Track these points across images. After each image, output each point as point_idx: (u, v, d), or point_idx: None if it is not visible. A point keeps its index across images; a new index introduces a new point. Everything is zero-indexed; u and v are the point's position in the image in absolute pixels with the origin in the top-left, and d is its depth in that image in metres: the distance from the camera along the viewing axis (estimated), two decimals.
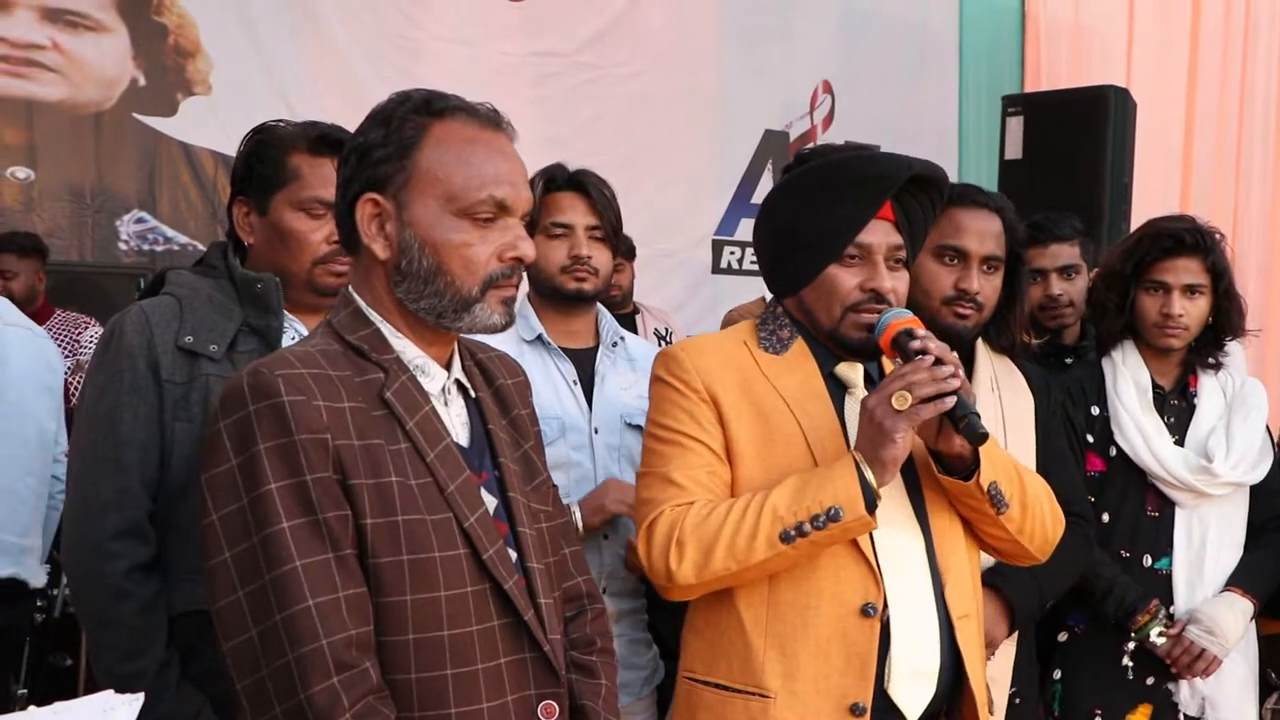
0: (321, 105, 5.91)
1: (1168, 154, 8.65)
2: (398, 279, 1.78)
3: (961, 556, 2.21)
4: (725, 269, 8.13)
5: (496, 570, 1.75)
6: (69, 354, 5.41)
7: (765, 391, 2.19)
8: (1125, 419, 3.10)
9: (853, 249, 2.17)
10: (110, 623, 2.23)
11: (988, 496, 2.12)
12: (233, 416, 1.68)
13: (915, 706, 2.12)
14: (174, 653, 2.24)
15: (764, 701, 2.11)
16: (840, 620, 2.10)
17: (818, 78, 8.52)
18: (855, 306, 2.17)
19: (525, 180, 1.85)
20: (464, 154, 1.77)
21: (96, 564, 2.22)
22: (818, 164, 2.27)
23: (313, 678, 1.60)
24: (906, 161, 2.17)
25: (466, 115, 1.80)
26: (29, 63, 5.94)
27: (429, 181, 1.76)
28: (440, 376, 1.84)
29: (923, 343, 2.06)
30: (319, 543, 1.64)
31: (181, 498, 2.26)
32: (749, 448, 2.17)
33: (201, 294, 2.35)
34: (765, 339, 2.26)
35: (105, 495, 2.24)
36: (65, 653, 4.50)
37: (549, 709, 1.81)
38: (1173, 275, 3.06)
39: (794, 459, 2.14)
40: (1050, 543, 2.30)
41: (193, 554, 2.22)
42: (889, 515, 2.13)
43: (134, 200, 6.26)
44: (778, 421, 2.17)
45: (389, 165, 1.77)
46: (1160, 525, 3.10)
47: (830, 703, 2.09)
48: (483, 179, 1.77)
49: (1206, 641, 3.00)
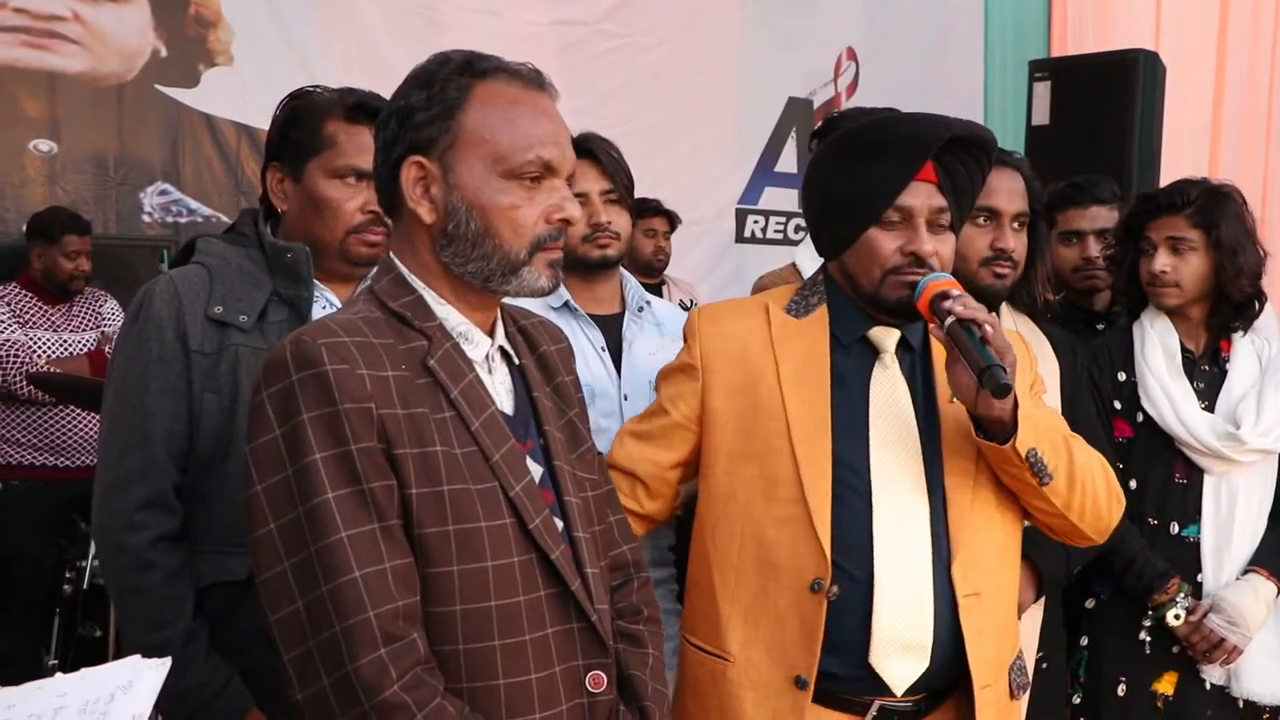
0: (344, 75, 5.87)
1: (1197, 118, 8.55)
2: (444, 243, 1.76)
3: (981, 533, 2.17)
4: (749, 238, 8.09)
5: (543, 539, 1.73)
6: (93, 326, 5.48)
7: (763, 363, 2.21)
8: (1152, 384, 3.08)
9: (893, 212, 2.15)
10: (136, 593, 2.23)
11: (1026, 464, 2.08)
12: (275, 386, 1.66)
13: (901, 680, 2.11)
14: (202, 623, 2.24)
15: (724, 664, 2.17)
16: (796, 592, 2.11)
17: (841, 44, 8.46)
18: (895, 270, 2.16)
19: (569, 141, 1.82)
20: (509, 115, 1.75)
21: (123, 535, 2.22)
22: (857, 126, 2.25)
23: (360, 649, 1.58)
24: (946, 122, 2.15)
25: (509, 76, 1.78)
26: (50, 34, 5.92)
27: (475, 143, 1.74)
28: (484, 344, 1.82)
29: (954, 303, 2.05)
30: (364, 513, 1.62)
31: (209, 469, 2.27)
32: (732, 418, 2.21)
33: (231, 263, 2.33)
34: (796, 302, 2.28)
35: (132, 466, 2.24)
36: (95, 623, 4.54)
37: (597, 679, 1.79)
38: (1156, 233, 3.08)
39: (772, 433, 2.17)
40: (1106, 523, 2.26)
41: (220, 525, 2.25)
42: (894, 485, 2.13)
43: (157, 172, 6.25)
44: (764, 394, 2.19)
45: (433, 128, 1.74)
46: (1188, 493, 3.09)
47: (781, 672, 2.12)
48: (529, 139, 1.74)
49: (1227, 631, 2.98)
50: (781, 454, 2.16)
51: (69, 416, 5.27)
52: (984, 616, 2.15)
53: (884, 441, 2.16)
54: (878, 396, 2.19)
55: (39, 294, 5.37)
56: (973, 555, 2.14)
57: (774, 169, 8.06)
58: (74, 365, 5.24)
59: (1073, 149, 5.67)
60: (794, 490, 2.13)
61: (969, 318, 2.04)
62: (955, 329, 2.04)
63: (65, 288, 5.36)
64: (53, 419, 5.25)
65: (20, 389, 5.10)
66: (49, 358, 5.24)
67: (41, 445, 5.23)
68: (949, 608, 2.11)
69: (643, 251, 6.35)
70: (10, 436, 5.19)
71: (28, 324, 5.29)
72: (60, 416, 5.25)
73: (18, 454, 5.18)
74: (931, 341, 2.25)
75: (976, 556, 2.15)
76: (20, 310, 5.31)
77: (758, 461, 2.18)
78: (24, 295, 5.36)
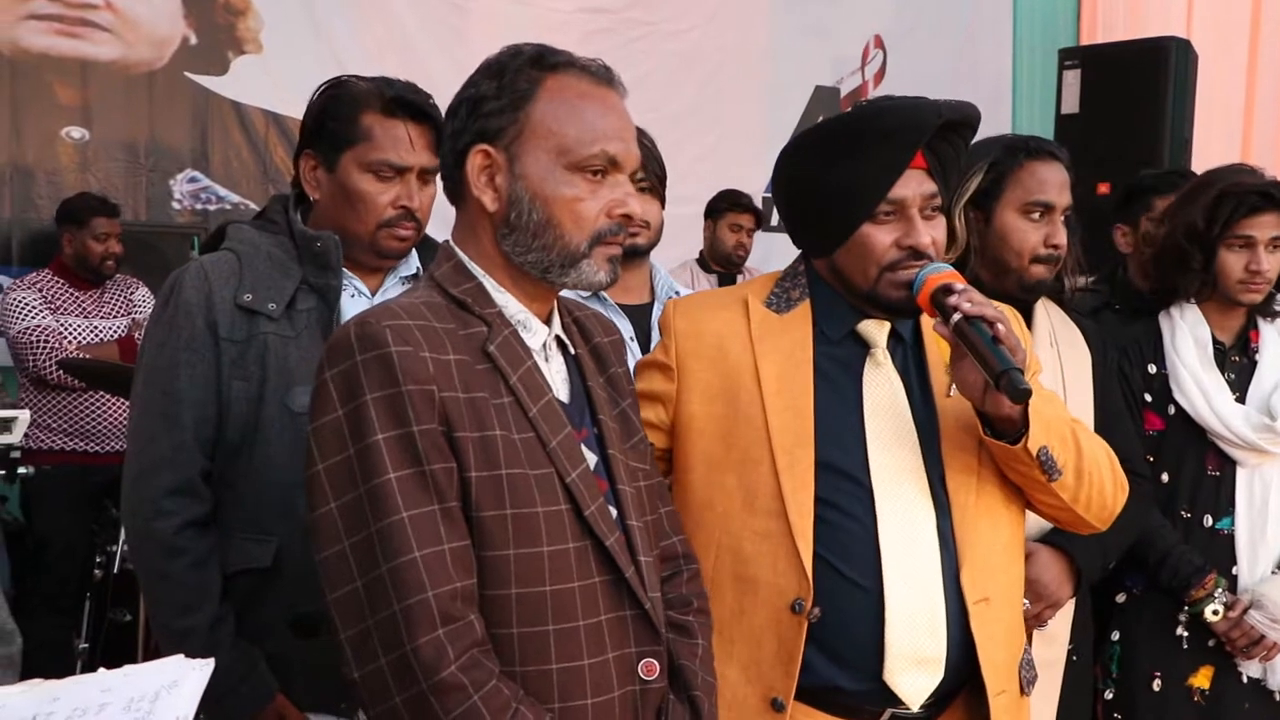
0: (372, 63, 5.89)
1: (1229, 106, 8.49)
2: (505, 232, 1.78)
3: (986, 534, 2.07)
4: (776, 226, 8.07)
5: (598, 526, 1.74)
6: (124, 313, 5.51)
7: (742, 364, 2.10)
8: (1185, 376, 3.04)
9: (886, 205, 2.03)
10: (164, 578, 2.25)
11: (1037, 462, 2.00)
12: (339, 367, 1.67)
13: (917, 694, 2.01)
14: (229, 609, 2.26)
15: None
16: (775, 611, 2.02)
17: (869, 32, 8.42)
18: (892, 265, 2.04)
19: (635, 137, 1.84)
20: (577, 108, 1.76)
21: (151, 520, 2.24)
22: (838, 117, 2.17)
23: (419, 629, 1.60)
24: (934, 107, 2.02)
25: (579, 70, 1.80)
26: (83, 22, 5.96)
27: (542, 135, 1.75)
28: (541, 332, 1.83)
29: (959, 298, 1.96)
30: (425, 494, 1.63)
31: (236, 456, 2.29)
32: (710, 424, 2.10)
33: (261, 251, 2.34)
34: (776, 295, 2.17)
35: (161, 452, 2.26)
36: (125, 608, 4.57)
37: (649, 667, 1.79)
38: (1259, 230, 2.99)
39: (753, 441, 2.06)
40: (1110, 511, 2.18)
41: (247, 512, 2.27)
42: (898, 490, 2.03)
43: (187, 159, 6.28)
44: (744, 401, 2.09)
45: (501, 118, 1.76)
46: (1221, 485, 3.05)
47: (756, 693, 2.03)
48: (595, 134, 1.76)
49: (1268, 628, 2.96)
50: (761, 464, 2.05)
51: (99, 402, 5.30)
52: (995, 622, 2.06)
53: (882, 442, 2.06)
54: (872, 395, 2.08)
55: (70, 280, 5.41)
56: (980, 559, 2.05)
57: None
58: (104, 351, 5.28)
59: (1102, 138, 5.64)
60: (774, 504, 2.03)
61: (978, 314, 1.94)
62: (964, 327, 1.94)
63: (97, 271, 5.39)
64: (84, 405, 5.28)
65: (51, 374, 5.14)
66: (79, 343, 5.28)
67: (72, 431, 5.27)
68: (959, 616, 2.02)
69: (725, 244, 6.55)
70: (42, 422, 5.22)
71: (59, 310, 5.32)
72: (91, 402, 5.29)
73: (49, 439, 5.21)
74: (923, 331, 2.15)
75: (984, 560, 2.06)
76: (52, 296, 5.35)
77: (736, 471, 2.07)
78: (56, 281, 5.39)
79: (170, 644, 2.22)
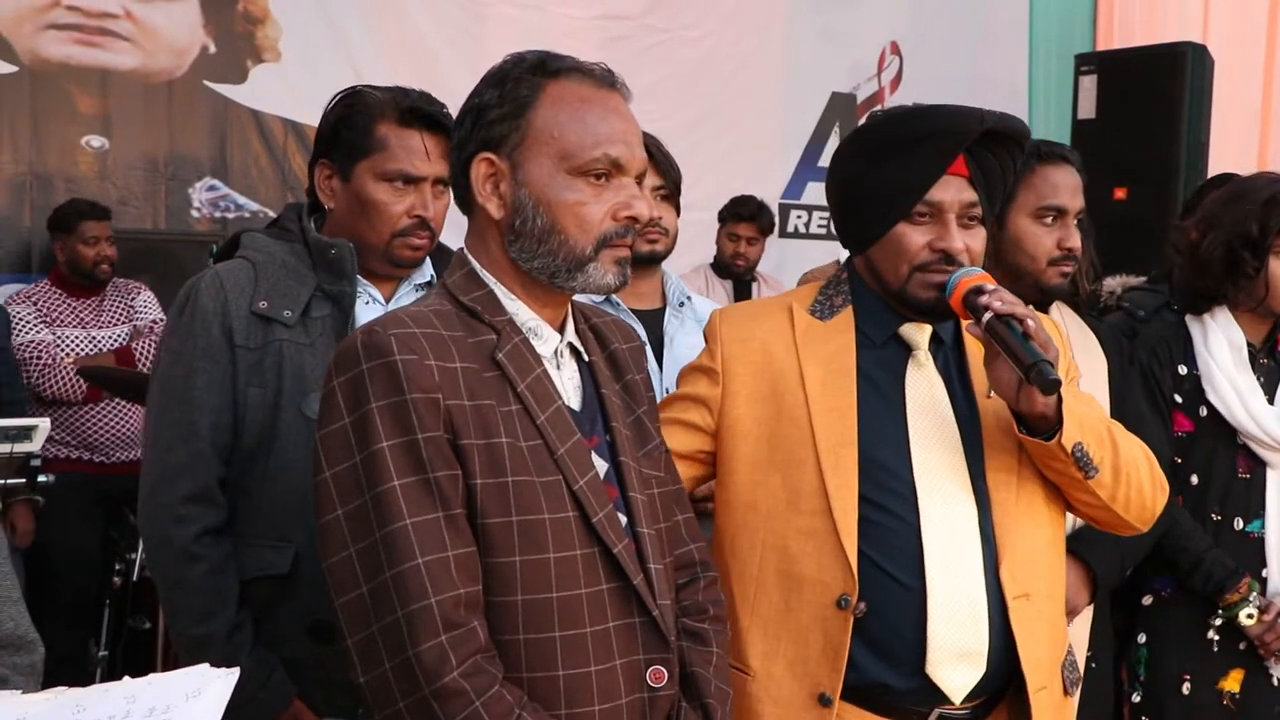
0: (390, 71, 5.93)
1: (1246, 112, 8.45)
2: (511, 238, 1.79)
3: (1027, 531, 2.11)
4: (792, 233, 8.07)
5: (606, 534, 1.75)
6: (124, 320, 5.45)
7: (787, 368, 2.15)
8: (1219, 377, 3.03)
9: (922, 206, 2.08)
10: (181, 586, 2.26)
11: (1072, 458, 2.04)
12: (346, 375, 1.69)
13: (959, 689, 2.05)
14: (246, 615, 2.27)
15: (743, 678, 2.10)
16: (821, 608, 2.06)
17: (886, 39, 8.41)
18: (923, 267, 2.10)
19: (639, 140, 1.84)
20: (579, 113, 1.77)
21: (168, 528, 2.25)
22: (885, 118, 2.20)
23: (422, 635, 1.61)
24: (979, 114, 2.08)
25: (581, 75, 1.81)
26: (103, 31, 5.98)
27: (544, 140, 1.76)
28: (553, 339, 1.84)
29: (990, 298, 2.01)
30: (429, 501, 1.65)
31: (252, 463, 2.30)
32: (755, 427, 2.14)
33: (276, 258, 2.35)
34: (820, 303, 2.22)
35: (178, 460, 2.27)
36: (144, 615, 4.59)
37: (658, 674, 1.80)
38: None
39: (797, 442, 2.10)
40: (1151, 512, 2.20)
41: (263, 519, 2.27)
42: (940, 487, 2.08)
43: (206, 168, 6.31)
44: (789, 403, 2.13)
45: (504, 125, 1.77)
46: (1252, 487, 3.04)
47: (803, 689, 2.06)
48: (597, 137, 1.77)
49: None
50: (806, 464, 2.09)
51: (102, 414, 5.25)
52: (1036, 618, 2.09)
53: (924, 442, 2.10)
54: (914, 396, 2.13)
55: (68, 289, 5.36)
56: (1020, 555, 2.08)
57: (817, 164, 8.02)
58: (99, 363, 5.20)
59: (1118, 143, 5.63)
60: (819, 502, 2.07)
61: (1008, 313, 1.98)
62: (996, 325, 1.99)
63: (92, 275, 5.33)
64: (86, 417, 5.23)
65: (46, 391, 5.10)
66: (76, 356, 5.22)
67: (77, 443, 5.22)
68: (1000, 611, 2.05)
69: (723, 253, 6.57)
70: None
71: (55, 322, 5.27)
72: (94, 414, 5.24)
73: (53, 449, 5.14)
74: (964, 335, 2.20)
75: (1024, 556, 2.09)
76: (48, 309, 5.29)
77: (781, 471, 2.12)
78: (53, 292, 5.35)
79: (188, 651, 2.23)
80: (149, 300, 5.53)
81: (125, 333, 5.42)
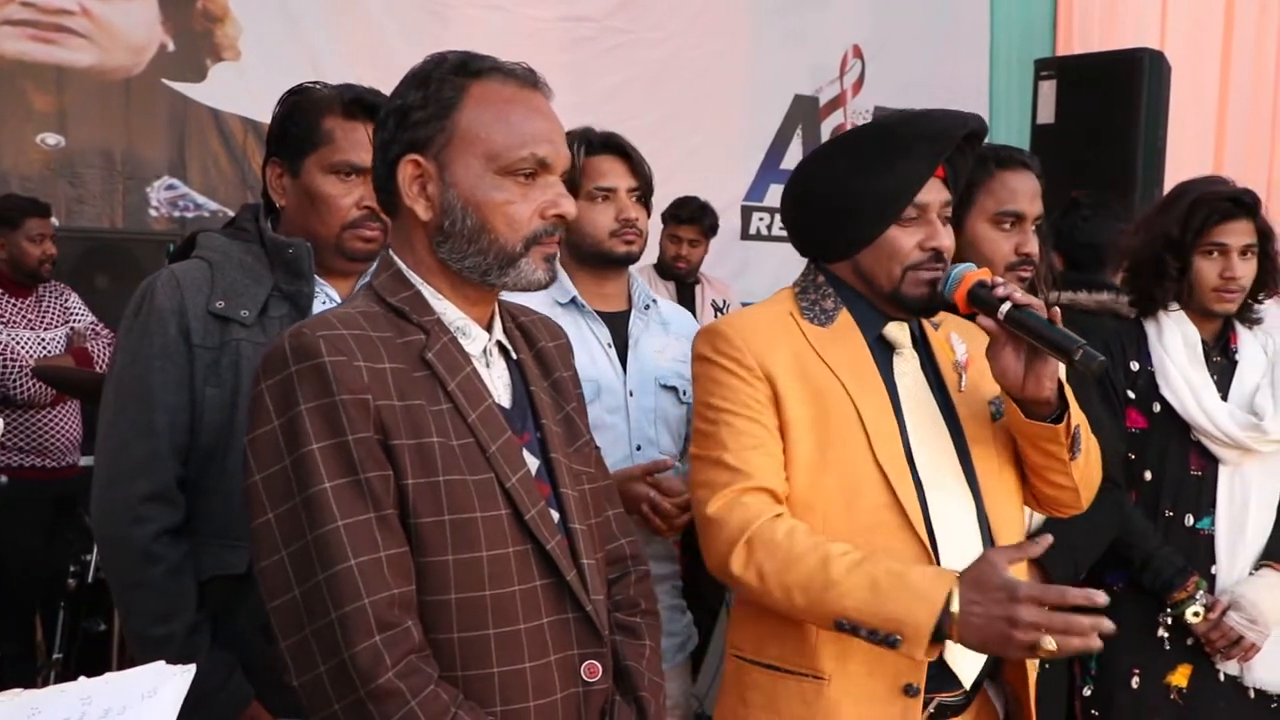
0: (351, 71, 5.88)
1: (1202, 118, 8.55)
2: (440, 239, 1.79)
3: (1012, 516, 2.20)
4: (754, 235, 8.09)
5: (539, 531, 1.75)
6: (63, 321, 5.34)
7: (818, 369, 2.16)
8: (1173, 373, 3.07)
9: (911, 209, 2.14)
10: (139, 587, 2.24)
11: (1070, 440, 2.09)
12: (274, 378, 1.69)
13: (970, 672, 2.11)
14: (204, 616, 2.25)
15: (818, 683, 2.09)
16: None
17: (848, 42, 8.45)
18: (915, 266, 2.15)
19: (564, 138, 1.85)
20: (504, 113, 1.78)
21: (125, 528, 2.23)
22: (870, 125, 2.26)
23: (355, 637, 1.61)
24: (962, 118, 2.16)
25: (504, 75, 1.81)
26: (58, 28, 5.93)
27: (470, 141, 1.77)
28: (481, 338, 1.84)
29: (1005, 290, 2.05)
30: (360, 503, 1.65)
31: (209, 463, 2.28)
32: (803, 430, 2.14)
33: (233, 258, 2.34)
34: (808, 310, 2.23)
35: (135, 460, 2.25)
36: (100, 617, 4.55)
37: (592, 669, 1.81)
38: (1232, 237, 3.04)
39: (849, 441, 2.11)
40: (1094, 488, 2.28)
41: (221, 519, 2.25)
42: (942, 479, 2.13)
43: (164, 167, 6.26)
44: (833, 402, 2.14)
45: (429, 127, 1.77)
46: (1203, 484, 3.09)
47: (885, 684, 2.07)
48: (523, 137, 1.77)
49: (1246, 629, 2.99)
50: (862, 463, 2.11)
51: (48, 419, 5.15)
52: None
53: (921, 437, 2.15)
54: (905, 392, 2.18)
55: (7, 287, 5.20)
56: (1009, 539, 2.14)
57: (779, 166, 8.05)
58: (59, 363, 5.10)
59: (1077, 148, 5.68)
60: (881, 496, 2.09)
61: (1027, 303, 2.03)
62: (1019, 315, 2.03)
63: (35, 273, 5.19)
64: (32, 422, 5.12)
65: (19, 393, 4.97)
66: (34, 357, 5.09)
67: (25, 448, 5.10)
68: None
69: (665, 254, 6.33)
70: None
71: (7, 323, 5.14)
72: (40, 420, 5.13)
73: (4, 456, 5.03)
74: (927, 331, 2.27)
75: (1011, 539, 2.15)
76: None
77: (835, 471, 2.12)
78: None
79: (146, 653, 2.21)
80: (79, 303, 5.40)
81: (65, 334, 5.30)
